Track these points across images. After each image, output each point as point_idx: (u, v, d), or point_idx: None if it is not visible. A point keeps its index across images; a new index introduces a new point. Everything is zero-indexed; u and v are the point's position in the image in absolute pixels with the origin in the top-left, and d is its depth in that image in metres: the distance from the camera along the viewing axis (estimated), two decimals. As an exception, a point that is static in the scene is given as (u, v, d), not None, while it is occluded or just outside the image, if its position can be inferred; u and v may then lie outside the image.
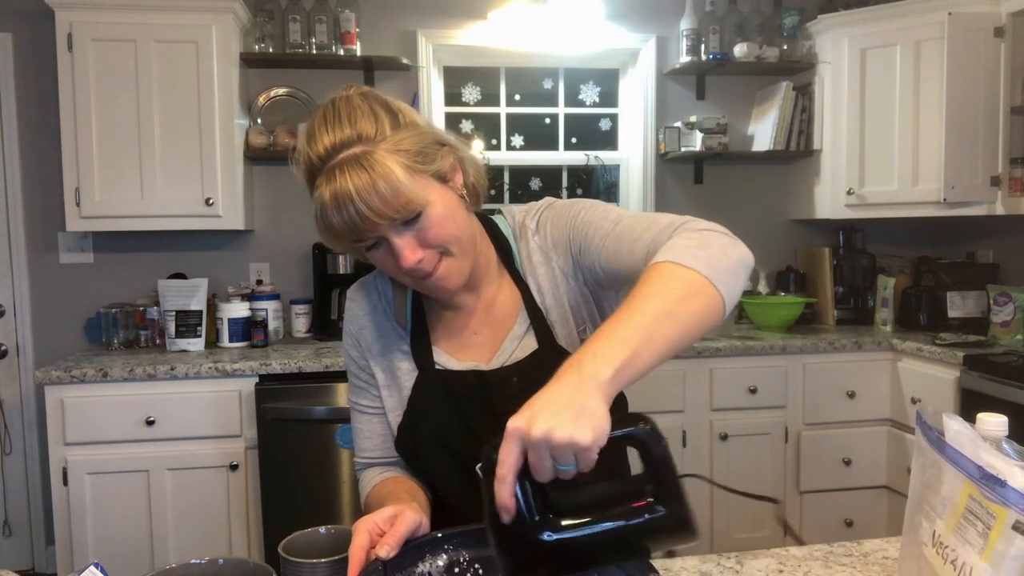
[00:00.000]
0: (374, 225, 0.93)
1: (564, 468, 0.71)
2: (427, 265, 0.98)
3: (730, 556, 1.07)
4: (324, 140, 0.94)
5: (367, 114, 0.96)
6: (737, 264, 0.89)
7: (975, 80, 2.88)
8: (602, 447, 0.72)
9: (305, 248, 3.26)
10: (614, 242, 1.00)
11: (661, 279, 0.83)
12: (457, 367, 1.09)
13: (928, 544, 0.78)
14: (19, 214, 3.12)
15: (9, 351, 3.16)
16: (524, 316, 1.09)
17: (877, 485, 3.05)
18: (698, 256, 0.85)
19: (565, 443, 0.69)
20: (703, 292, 0.83)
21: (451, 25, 3.34)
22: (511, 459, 0.72)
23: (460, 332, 1.12)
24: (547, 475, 0.72)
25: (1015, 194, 2.89)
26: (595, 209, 1.07)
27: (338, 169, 0.92)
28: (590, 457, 0.71)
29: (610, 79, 3.65)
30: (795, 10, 3.38)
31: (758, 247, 4.01)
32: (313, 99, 3.25)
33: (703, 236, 0.91)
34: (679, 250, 0.87)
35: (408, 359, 1.12)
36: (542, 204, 1.14)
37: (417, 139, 0.97)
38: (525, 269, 1.11)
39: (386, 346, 1.14)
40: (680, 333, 0.81)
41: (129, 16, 2.79)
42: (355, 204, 0.91)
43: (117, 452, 2.58)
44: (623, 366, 0.75)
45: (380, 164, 0.92)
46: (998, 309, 3.04)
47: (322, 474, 2.65)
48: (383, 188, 0.91)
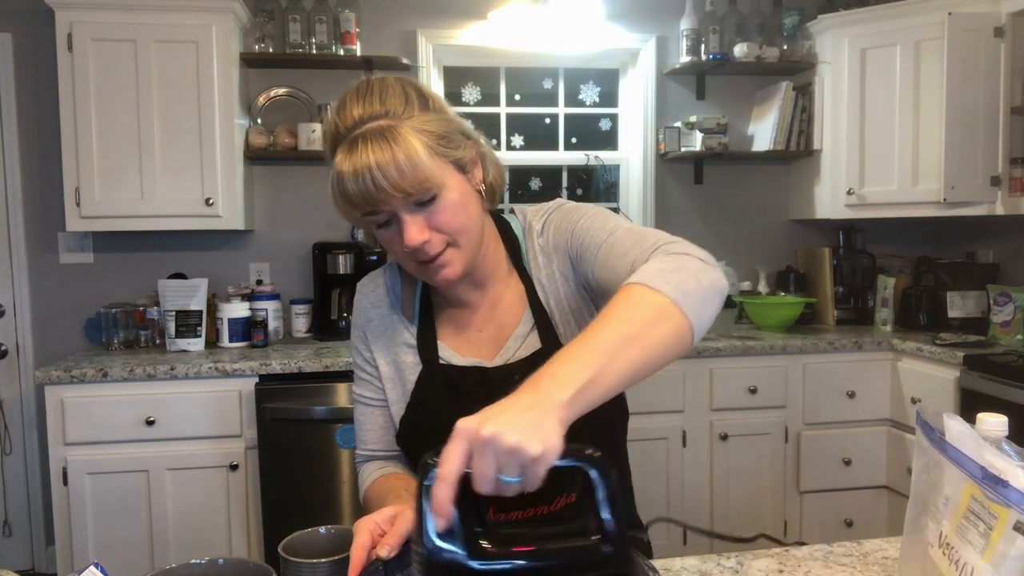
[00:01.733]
0: (388, 197, 0.94)
1: (508, 480, 0.67)
2: (431, 249, 0.99)
3: (730, 556, 1.07)
4: (353, 111, 0.97)
5: (399, 93, 0.99)
6: (708, 290, 0.85)
7: (975, 80, 2.88)
8: (549, 468, 0.68)
9: (305, 248, 3.25)
10: (604, 254, 1.00)
11: (629, 301, 0.82)
12: (461, 362, 1.10)
13: (935, 545, 0.78)
14: (19, 214, 3.11)
15: (9, 351, 3.16)
16: (529, 315, 1.10)
17: (877, 485, 3.05)
18: (669, 280, 0.83)
19: (513, 448, 0.65)
20: (670, 317, 0.80)
21: (451, 25, 3.34)
22: (455, 459, 0.67)
23: (465, 328, 1.13)
24: (488, 484, 0.67)
25: (1015, 194, 2.89)
26: (596, 217, 1.06)
27: (361, 139, 0.94)
28: (536, 472, 0.67)
29: (610, 79, 3.65)
30: (795, 10, 3.38)
31: (758, 247, 4.04)
32: (313, 99, 3.25)
33: (678, 260, 0.87)
34: (651, 272, 0.84)
35: (413, 352, 1.12)
36: (551, 205, 1.15)
37: (443, 124, 0.99)
38: (531, 269, 1.12)
39: (391, 339, 1.15)
40: (644, 358, 0.78)
41: (129, 16, 2.79)
42: (372, 174, 0.93)
43: (117, 452, 2.57)
44: (581, 389, 0.72)
45: (403, 139, 0.94)
46: (998, 309, 3.04)
47: (322, 474, 2.65)
48: (402, 161, 0.93)
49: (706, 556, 1.07)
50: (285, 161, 3.24)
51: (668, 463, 2.92)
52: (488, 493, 0.68)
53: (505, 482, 0.67)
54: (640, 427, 2.83)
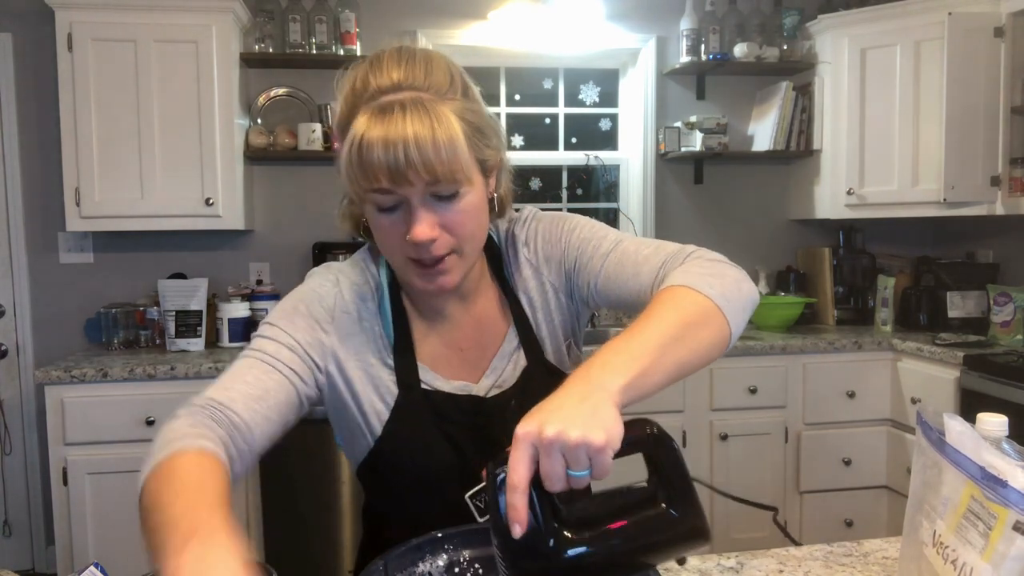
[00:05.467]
0: (414, 177, 0.84)
1: (578, 475, 0.67)
2: (436, 250, 0.89)
3: (730, 556, 1.07)
4: (393, 73, 0.86)
5: (444, 70, 0.89)
6: (747, 299, 0.88)
7: (975, 80, 2.88)
8: (616, 452, 0.68)
9: (305, 248, 3.26)
10: (615, 263, 0.97)
11: (675, 301, 0.82)
12: (448, 388, 1.00)
13: (928, 544, 0.78)
14: (19, 214, 3.11)
15: (9, 351, 3.15)
16: (514, 332, 1.04)
17: (877, 485, 3.05)
18: (713, 285, 0.84)
19: (579, 443, 0.65)
20: (715, 320, 0.82)
21: (451, 25, 3.34)
22: (523, 466, 0.67)
23: (447, 347, 1.03)
24: (560, 482, 0.67)
25: (1015, 194, 2.89)
26: (592, 227, 1.03)
27: (399, 106, 0.84)
28: (605, 461, 0.67)
29: (610, 79, 3.65)
30: (795, 10, 3.38)
31: (758, 247, 4.03)
32: (313, 99, 3.25)
33: (716, 266, 0.89)
34: (694, 276, 0.85)
35: (389, 372, 0.99)
36: (527, 215, 1.08)
37: (482, 118, 0.91)
38: (516, 282, 1.06)
39: (367, 347, 1.00)
40: (689, 357, 0.79)
41: (129, 16, 2.78)
42: (407, 147, 0.82)
43: (117, 452, 2.57)
44: (633, 380, 0.73)
45: (446, 118, 0.85)
46: (998, 309, 3.04)
47: (322, 475, 2.65)
48: (443, 141, 0.83)
49: (706, 556, 1.07)
50: (285, 161, 3.24)
51: (668, 463, 2.91)
52: (560, 491, 0.68)
53: (576, 476, 0.67)
54: (640, 427, 2.83)
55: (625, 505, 0.75)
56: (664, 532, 0.73)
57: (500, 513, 0.69)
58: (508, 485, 0.67)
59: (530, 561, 0.70)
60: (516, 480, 0.67)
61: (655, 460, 0.73)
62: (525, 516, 0.67)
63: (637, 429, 0.72)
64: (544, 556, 0.70)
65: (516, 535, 0.68)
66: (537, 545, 0.69)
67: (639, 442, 0.72)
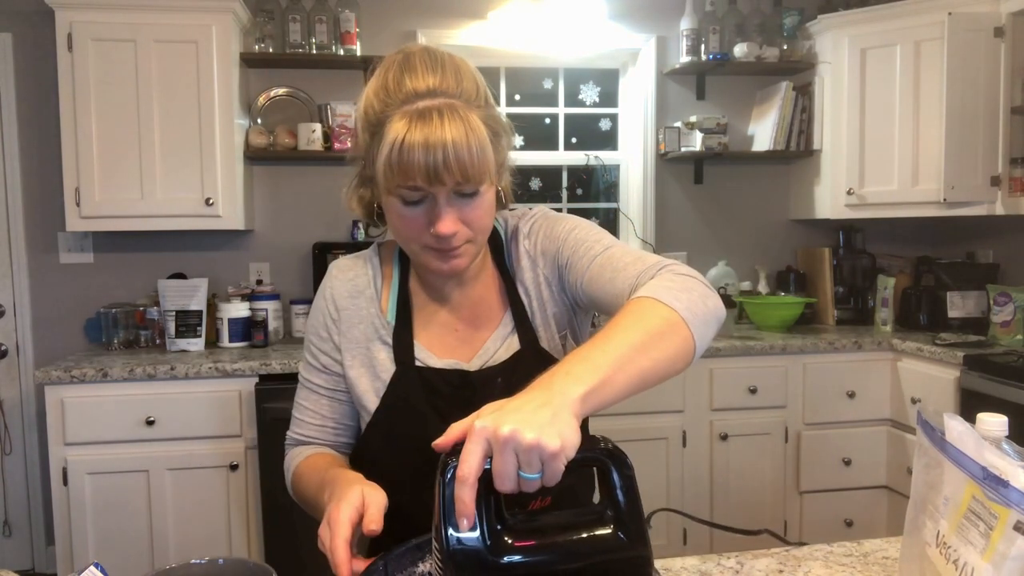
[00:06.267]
0: (449, 178, 0.93)
1: (528, 477, 0.67)
2: (457, 241, 0.99)
3: (730, 556, 1.07)
4: (428, 79, 0.95)
5: (472, 79, 1.00)
6: (712, 314, 0.90)
7: (975, 80, 2.88)
8: (569, 461, 0.68)
9: (305, 248, 3.26)
10: (599, 266, 1.01)
11: (641, 312, 0.84)
12: (438, 364, 1.08)
13: (932, 544, 0.78)
14: (19, 214, 3.11)
15: (9, 351, 3.15)
16: (509, 317, 1.11)
17: (877, 485, 3.05)
18: (680, 298, 0.86)
19: (533, 445, 0.66)
20: (680, 332, 0.84)
21: (451, 25, 3.34)
22: (475, 459, 0.67)
23: (442, 327, 1.11)
24: (510, 482, 0.67)
25: (1015, 194, 2.89)
26: (590, 230, 1.09)
27: (436, 112, 0.93)
28: (557, 467, 0.67)
29: (610, 79, 3.65)
30: (795, 10, 3.38)
31: (758, 247, 4.03)
32: (313, 99, 3.25)
33: (686, 281, 0.91)
34: (662, 289, 0.87)
35: (387, 351, 1.09)
36: (536, 212, 1.16)
37: (499, 123, 1.02)
38: (515, 271, 1.13)
39: (365, 334, 1.11)
40: (652, 368, 0.80)
41: (129, 16, 2.79)
42: (446, 151, 0.92)
43: (117, 452, 2.57)
44: (593, 389, 0.73)
45: (476, 125, 0.94)
46: (998, 309, 3.04)
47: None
48: (475, 146, 0.93)
49: (706, 556, 1.07)
50: (285, 161, 3.24)
51: (668, 463, 2.92)
52: (509, 491, 0.68)
53: (526, 479, 0.67)
54: (640, 427, 2.83)
55: (575, 522, 0.73)
56: (606, 554, 0.72)
57: (444, 504, 0.68)
58: (457, 477, 0.67)
59: (463, 559, 0.69)
60: (466, 472, 0.66)
61: (607, 478, 0.72)
62: (472, 511, 0.67)
63: (593, 443, 0.72)
64: (477, 557, 0.68)
65: (461, 529, 0.67)
66: (478, 547, 0.68)
67: (593, 456, 0.71)
